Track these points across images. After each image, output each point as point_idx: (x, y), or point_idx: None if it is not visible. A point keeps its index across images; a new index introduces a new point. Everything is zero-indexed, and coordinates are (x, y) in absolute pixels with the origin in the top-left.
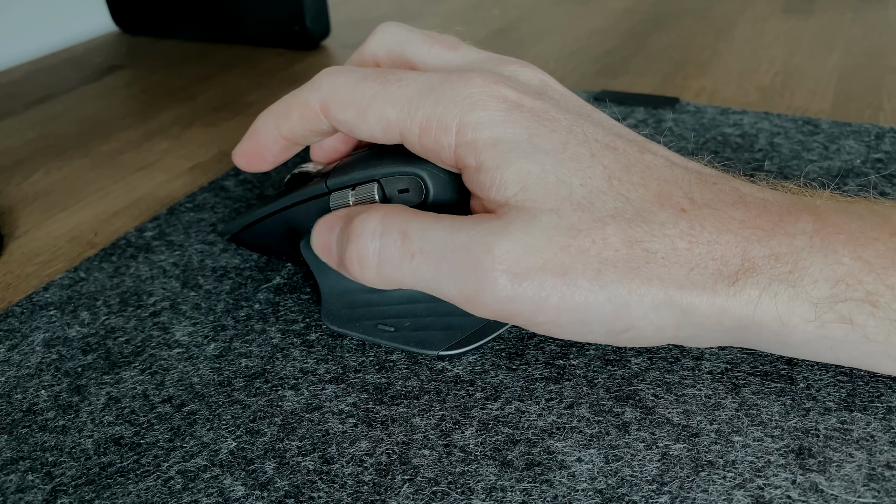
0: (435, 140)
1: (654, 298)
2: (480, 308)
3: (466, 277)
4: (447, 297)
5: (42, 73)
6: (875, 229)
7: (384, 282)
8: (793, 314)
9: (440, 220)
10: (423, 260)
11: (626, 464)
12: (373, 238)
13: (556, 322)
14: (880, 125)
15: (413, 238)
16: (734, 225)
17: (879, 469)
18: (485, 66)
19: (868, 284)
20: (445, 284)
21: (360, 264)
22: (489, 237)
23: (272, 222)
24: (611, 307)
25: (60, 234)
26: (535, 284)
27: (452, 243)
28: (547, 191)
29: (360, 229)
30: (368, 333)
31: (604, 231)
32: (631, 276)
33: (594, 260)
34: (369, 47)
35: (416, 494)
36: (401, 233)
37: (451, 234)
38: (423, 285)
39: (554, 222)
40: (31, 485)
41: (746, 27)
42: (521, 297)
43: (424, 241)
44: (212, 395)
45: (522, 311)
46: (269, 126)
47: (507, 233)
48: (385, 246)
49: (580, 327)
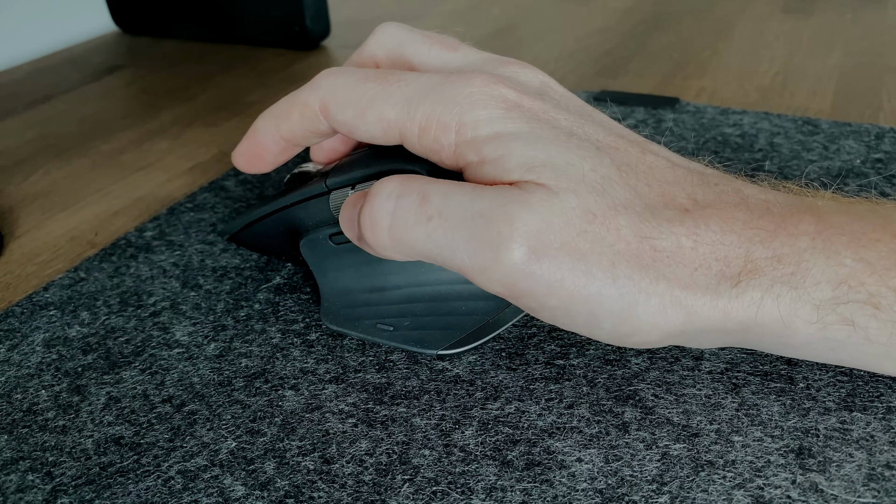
0: (435, 140)
1: (661, 299)
2: (494, 281)
3: (483, 247)
4: (459, 267)
5: (42, 73)
6: (877, 230)
7: (396, 245)
8: (795, 316)
9: (462, 186)
10: (440, 224)
11: (626, 464)
12: (388, 198)
13: (567, 309)
14: (880, 125)
15: (433, 201)
16: (737, 225)
17: (879, 469)
18: (485, 66)
19: (870, 286)
20: (460, 253)
21: (372, 225)
22: (510, 207)
23: (271, 222)
24: (620, 303)
25: (60, 234)
26: (553, 264)
27: (472, 210)
28: (557, 172)
29: (378, 190)
30: (368, 333)
31: (617, 220)
32: (641, 273)
33: (609, 251)
34: (369, 48)
35: (416, 494)
36: (420, 194)
37: (472, 201)
38: (435, 252)
39: (573, 203)
40: (32, 485)
41: (746, 27)
42: (536, 274)
43: (444, 205)
44: (212, 395)
45: (535, 291)
46: (269, 127)
47: (528, 204)
48: (401, 206)
49: (589, 319)
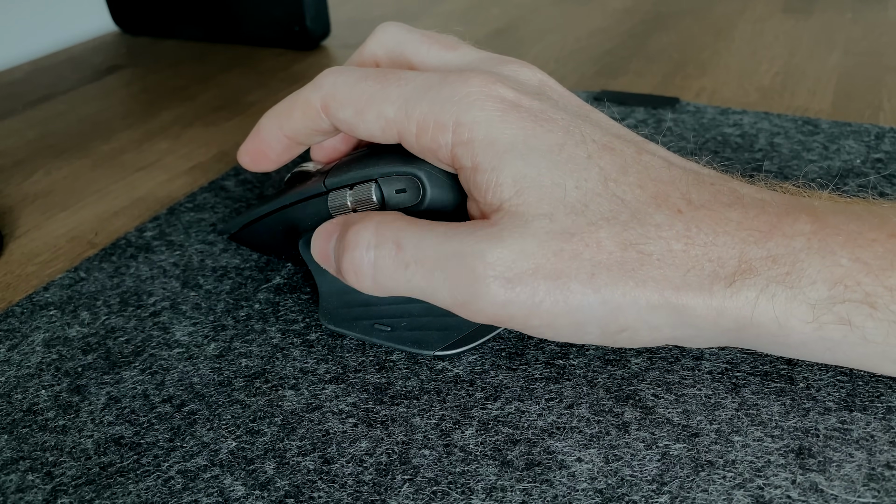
0: (432, 139)
1: (648, 300)
2: (475, 314)
3: (460, 284)
4: (443, 305)
5: (42, 73)
6: (874, 230)
7: (381, 290)
8: (790, 315)
9: (434, 229)
10: (417, 269)
11: (626, 464)
12: (367, 249)
13: (552, 325)
14: (880, 125)
15: (407, 248)
16: (731, 226)
17: (879, 469)
18: (484, 66)
19: (866, 286)
20: (440, 292)
21: (356, 274)
22: (481, 244)
23: (271, 221)
24: (605, 310)
25: (60, 234)
26: (528, 289)
27: (445, 251)
28: (542, 194)
29: (355, 240)
30: (365, 333)
31: (597, 234)
32: (625, 278)
33: (587, 263)
34: (369, 47)
35: (416, 494)
36: (395, 243)
37: (445, 243)
38: (418, 293)
39: (546, 227)
40: (32, 485)
41: (746, 27)
42: (514, 301)
43: (418, 251)
44: (212, 394)
45: (517, 316)
46: (273, 125)
47: (499, 239)
48: (380, 257)
49: (575, 329)
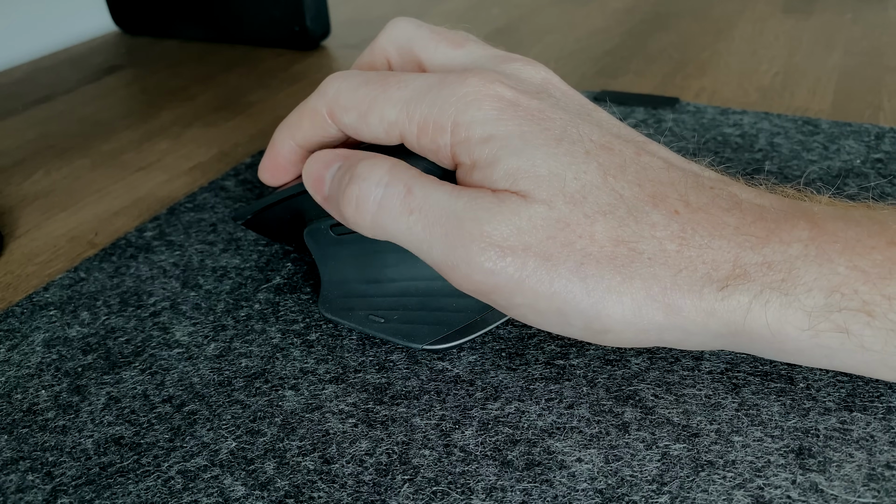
0: (432, 140)
1: (633, 297)
2: (463, 278)
3: (454, 245)
4: (433, 263)
5: (42, 73)
6: (872, 237)
7: (376, 229)
8: (785, 322)
9: (443, 185)
10: (420, 218)
11: (626, 464)
12: (377, 186)
13: (534, 307)
14: (880, 125)
15: (416, 195)
16: (728, 231)
17: (879, 469)
18: (487, 64)
19: (864, 294)
20: (435, 248)
21: (357, 207)
22: (481, 212)
23: (280, 210)
24: (588, 301)
25: (60, 234)
26: (518, 262)
27: (449, 209)
28: (538, 183)
29: (367, 174)
30: (359, 323)
31: (592, 227)
32: (612, 273)
33: (578, 253)
34: (380, 43)
35: (416, 494)
36: (406, 187)
37: (451, 201)
38: (413, 243)
39: (543, 213)
40: (32, 485)
41: (746, 27)
42: (502, 271)
43: (425, 201)
44: (212, 395)
45: (502, 288)
46: (285, 137)
47: (498, 212)
48: (388, 196)
49: (558, 318)
